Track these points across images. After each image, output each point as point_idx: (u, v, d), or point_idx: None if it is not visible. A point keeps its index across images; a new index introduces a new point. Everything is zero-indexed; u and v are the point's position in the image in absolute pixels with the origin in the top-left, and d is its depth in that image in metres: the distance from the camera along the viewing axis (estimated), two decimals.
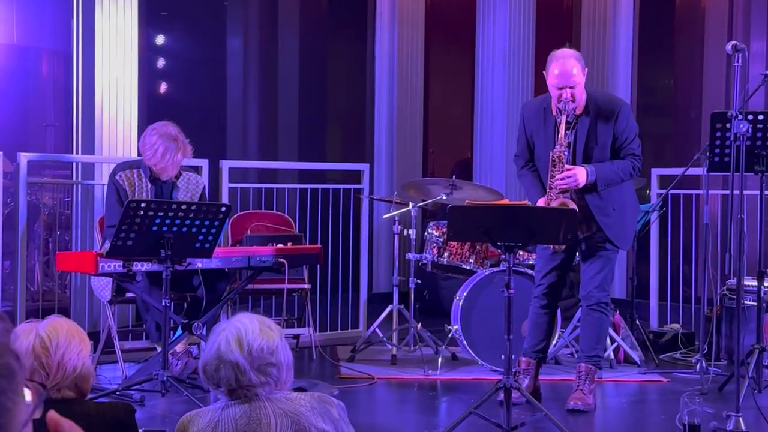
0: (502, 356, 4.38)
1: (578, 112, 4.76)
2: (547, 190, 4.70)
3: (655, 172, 6.63)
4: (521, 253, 5.60)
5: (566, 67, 4.65)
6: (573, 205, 4.60)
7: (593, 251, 4.85)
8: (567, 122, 4.69)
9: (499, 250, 4.50)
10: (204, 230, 4.74)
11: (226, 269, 5.31)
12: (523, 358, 5.01)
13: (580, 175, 4.65)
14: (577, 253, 4.99)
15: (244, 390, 2.26)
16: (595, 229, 4.80)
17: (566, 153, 4.69)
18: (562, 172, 4.65)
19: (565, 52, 4.74)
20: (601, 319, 4.91)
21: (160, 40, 8.11)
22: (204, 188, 5.46)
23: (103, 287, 5.36)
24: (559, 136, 4.67)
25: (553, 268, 4.93)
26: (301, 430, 2.23)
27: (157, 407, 4.70)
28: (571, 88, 4.65)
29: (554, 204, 4.64)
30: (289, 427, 2.22)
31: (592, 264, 4.86)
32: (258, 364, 2.25)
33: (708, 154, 4.97)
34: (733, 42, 4.59)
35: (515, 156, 5.04)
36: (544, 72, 4.78)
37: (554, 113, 4.77)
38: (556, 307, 5.11)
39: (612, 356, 5.75)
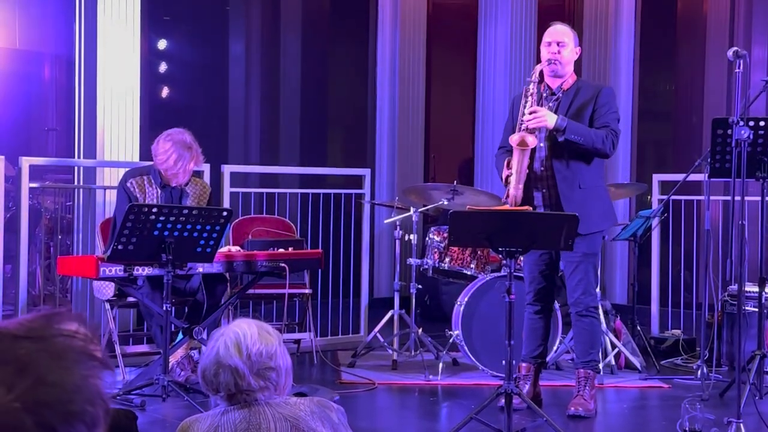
0: (503, 361, 4.39)
1: (565, 87, 4.83)
2: (517, 126, 4.73)
3: (657, 177, 6.63)
4: (522, 258, 5.60)
5: (557, 28, 4.88)
6: (532, 137, 4.64)
7: (571, 258, 4.82)
8: (552, 93, 4.81)
9: (500, 256, 4.50)
10: (205, 235, 4.75)
11: (228, 274, 5.31)
12: (523, 364, 5.02)
13: (549, 116, 4.66)
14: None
15: (243, 395, 2.26)
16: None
17: (545, 96, 4.77)
18: (532, 107, 4.68)
19: (561, 23, 4.98)
20: (592, 324, 4.91)
21: (162, 44, 8.12)
22: (211, 193, 5.47)
23: (105, 285, 5.36)
24: (534, 71, 4.80)
25: (539, 273, 4.94)
26: None
27: (158, 412, 4.70)
28: (558, 44, 4.79)
29: (517, 136, 4.65)
30: None
31: (574, 272, 4.86)
32: (257, 369, 2.25)
33: (709, 160, 4.97)
34: (735, 48, 4.59)
35: (499, 148, 5.06)
36: (540, 47, 4.92)
37: (542, 89, 4.83)
38: (551, 311, 5.10)
39: (613, 362, 5.75)
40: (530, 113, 4.66)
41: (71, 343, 0.95)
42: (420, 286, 6.05)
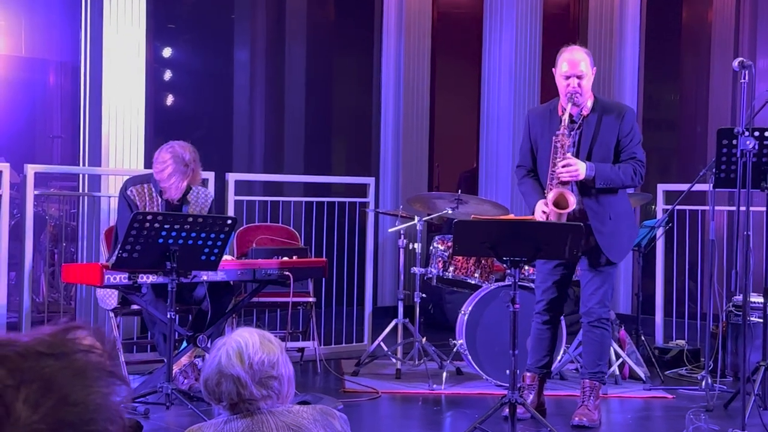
0: (507, 371, 4.38)
1: (585, 112, 4.76)
2: (548, 180, 4.68)
3: (661, 187, 6.63)
4: (526, 268, 5.59)
5: (575, 57, 4.72)
6: (572, 196, 4.59)
7: (593, 267, 4.82)
8: (572, 122, 4.71)
9: (504, 265, 4.49)
10: (210, 243, 4.75)
11: (232, 282, 5.31)
12: (528, 374, 5.00)
13: (581, 167, 4.63)
14: (578, 267, 4.97)
15: (245, 404, 2.26)
16: (593, 243, 4.77)
17: (569, 140, 4.68)
18: (564, 159, 4.63)
19: (576, 46, 4.85)
20: (603, 335, 4.89)
21: (167, 52, 8.14)
22: (212, 201, 5.47)
23: (108, 295, 5.37)
24: (563, 122, 4.67)
25: (553, 283, 4.91)
26: None
27: (162, 420, 4.70)
28: (578, 77, 4.68)
29: (553, 193, 4.62)
30: None
31: (592, 280, 4.84)
32: (259, 377, 2.25)
33: (714, 170, 4.97)
34: (740, 58, 4.59)
35: (517, 167, 5.02)
36: (553, 69, 4.81)
37: (560, 113, 4.76)
38: (559, 322, 5.10)
39: (617, 372, 5.73)
40: (563, 166, 4.62)
41: (91, 359, 0.94)
42: (424, 295, 6.05)
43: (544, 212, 4.66)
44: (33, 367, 0.90)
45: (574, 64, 4.70)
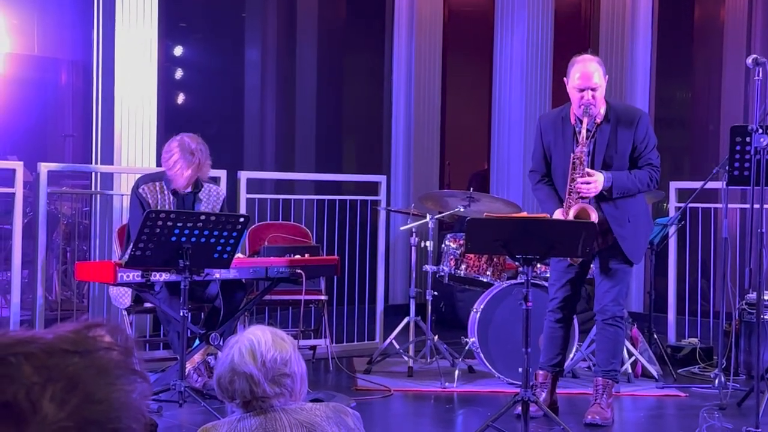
0: (520, 369, 4.38)
1: (598, 120, 4.74)
2: (567, 195, 4.67)
3: (674, 185, 6.61)
4: (539, 266, 5.58)
5: (588, 70, 4.67)
6: (594, 212, 4.58)
7: (608, 265, 4.82)
8: (587, 130, 4.68)
9: (516, 263, 4.49)
10: (222, 241, 4.75)
11: (244, 280, 5.32)
12: (540, 372, 5.00)
13: (599, 180, 4.62)
14: (592, 266, 4.96)
15: (258, 402, 2.26)
16: (610, 242, 4.77)
17: (587, 156, 4.66)
18: (583, 176, 4.62)
19: (587, 56, 4.77)
20: (617, 333, 4.88)
21: (178, 51, 8.16)
22: (224, 199, 5.48)
23: (122, 294, 5.38)
24: (581, 137, 4.65)
25: (567, 281, 4.90)
26: None
27: (175, 418, 4.71)
28: (592, 90, 4.64)
29: (574, 209, 4.61)
30: None
31: (608, 278, 4.83)
32: (272, 375, 2.25)
33: (727, 167, 4.95)
34: (754, 56, 4.58)
35: (530, 171, 5.01)
36: (564, 78, 4.78)
37: (573, 121, 4.74)
38: (572, 320, 5.09)
39: (630, 370, 5.72)
40: (583, 183, 4.61)
41: (113, 357, 0.94)
42: (436, 293, 6.04)
43: None
44: (58, 364, 0.90)
45: (588, 77, 4.65)
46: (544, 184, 4.89)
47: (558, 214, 4.69)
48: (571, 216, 4.61)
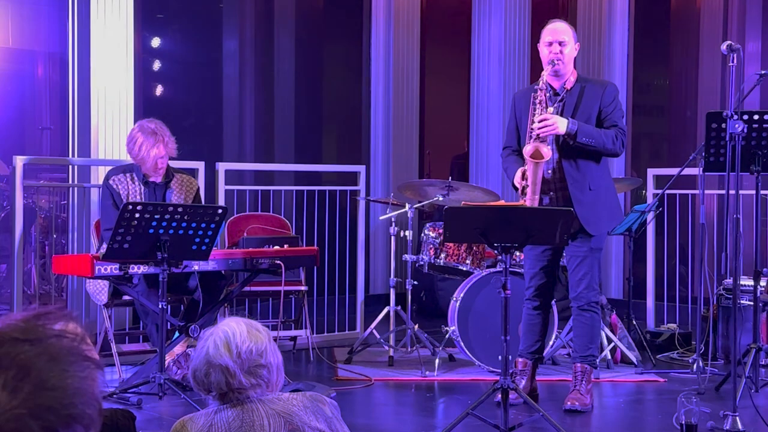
0: (499, 357, 4.39)
1: (567, 86, 4.83)
2: (527, 137, 4.73)
3: (651, 172, 6.64)
4: (517, 253, 5.60)
5: (557, 27, 4.86)
6: (547, 148, 4.63)
7: (577, 253, 4.84)
8: (555, 94, 4.80)
9: (495, 251, 4.50)
10: (201, 232, 4.74)
11: (223, 272, 5.31)
12: (520, 359, 5.02)
13: (560, 122, 4.66)
14: (564, 252, 4.99)
15: (235, 393, 2.26)
16: (578, 226, 4.78)
17: (548, 96, 4.75)
18: (541, 114, 4.68)
19: (558, 20, 4.99)
20: (593, 319, 4.92)
21: (155, 42, 8.11)
22: (198, 189, 5.46)
23: (99, 291, 5.36)
24: (542, 77, 4.76)
25: (541, 268, 4.94)
26: (295, 429, 2.23)
27: (155, 410, 4.70)
28: (560, 44, 4.78)
29: (531, 146, 4.64)
30: (283, 427, 2.23)
31: (579, 266, 4.87)
32: (247, 366, 2.25)
33: (704, 154, 4.98)
34: (729, 42, 4.59)
35: (503, 149, 5.06)
36: (538, 45, 4.90)
37: (541, 86, 4.81)
38: (549, 307, 5.12)
39: (609, 356, 5.75)
40: (540, 121, 4.65)
41: (65, 344, 0.95)
42: (416, 282, 6.05)
43: (523, 173, 4.70)
44: (9, 352, 0.91)
45: (556, 32, 4.82)
46: (512, 155, 4.93)
47: (518, 172, 4.72)
48: (526, 153, 4.66)
